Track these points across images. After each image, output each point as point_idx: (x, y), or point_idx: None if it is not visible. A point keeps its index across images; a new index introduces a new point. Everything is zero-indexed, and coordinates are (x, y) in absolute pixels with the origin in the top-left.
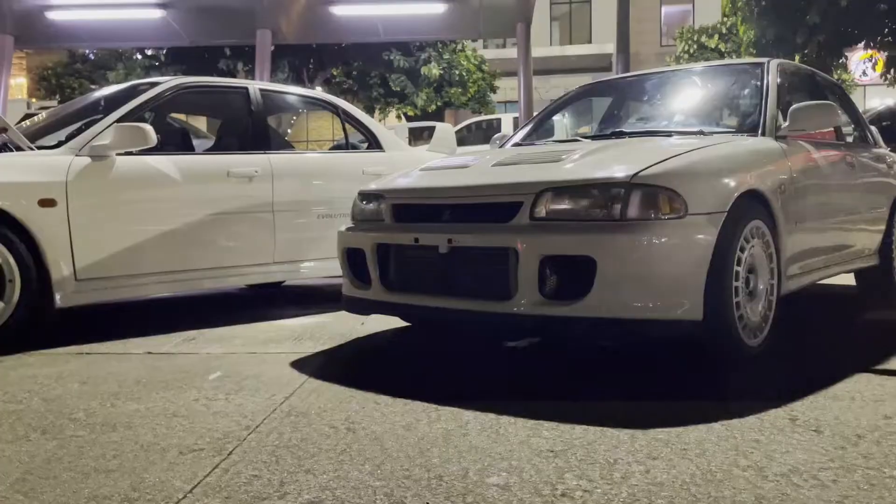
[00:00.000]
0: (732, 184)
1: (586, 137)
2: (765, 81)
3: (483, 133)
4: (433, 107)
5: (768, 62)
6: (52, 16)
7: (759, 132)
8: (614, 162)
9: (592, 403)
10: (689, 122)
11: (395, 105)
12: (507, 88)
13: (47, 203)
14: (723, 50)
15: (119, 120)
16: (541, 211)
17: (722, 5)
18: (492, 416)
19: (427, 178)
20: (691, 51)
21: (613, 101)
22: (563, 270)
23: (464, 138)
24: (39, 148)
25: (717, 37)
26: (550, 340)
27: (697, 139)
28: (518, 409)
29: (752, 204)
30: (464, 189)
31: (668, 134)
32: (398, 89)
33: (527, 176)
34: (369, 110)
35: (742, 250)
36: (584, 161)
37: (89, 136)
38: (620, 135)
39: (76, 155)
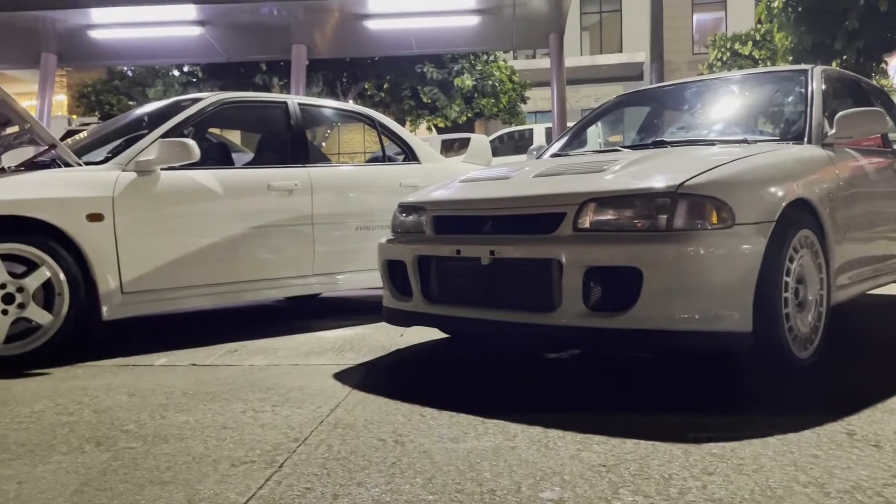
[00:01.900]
0: (780, 193)
1: (625, 147)
2: (809, 88)
3: (514, 144)
4: (463, 118)
5: (812, 68)
6: (94, 34)
7: (805, 140)
8: (659, 171)
9: (641, 416)
10: (731, 131)
11: (426, 117)
12: (538, 98)
13: (95, 217)
14: (757, 57)
15: (163, 136)
16: (584, 222)
17: (757, 12)
18: (539, 429)
19: (468, 190)
20: (724, 58)
21: (652, 111)
22: (609, 282)
23: (496, 149)
24: (87, 164)
25: (750, 44)
26: (592, 352)
27: (741, 148)
28: (565, 422)
29: (800, 213)
30: (506, 200)
31: (711, 143)
32: (429, 101)
33: (570, 187)
34: (400, 122)
35: (791, 260)
36: (627, 171)
37: (135, 151)
38: (661, 144)
39: (122, 170)
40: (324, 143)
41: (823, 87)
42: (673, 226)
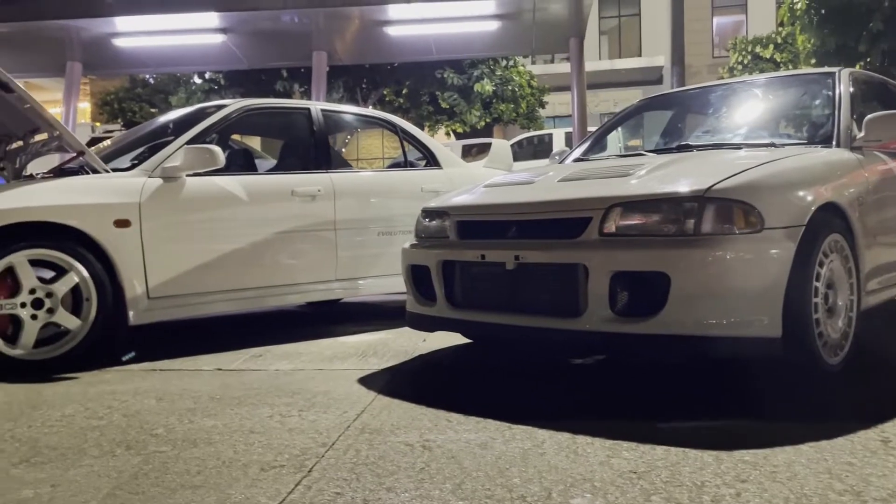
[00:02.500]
0: (809, 197)
1: (649, 151)
2: (837, 91)
3: (534, 148)
4: (482, 123)
5: (839, 71)
6: (119, 43)
7: (834, 143)
8: (685, 175)
9: (670, 423)
10: (758, 134)
11: (444, 122)
12: (556, 103)
13: (122, 223)
14: (779, 60)
15: (188, 142)
16: (610, 226)
17: (779, 15)
18: (567, 435)
19: (492, 195)
20: (745, 61)
21: (675, 114)
22: (636, 287)
23: (515, 154)
24: (114, 170)
25: (772, 47)
26: (617, 358)
27: (769, 151)
28: (593, 428)
29: (829, 217)
30: (531, 205)
31: (738, 146)
32: (447, 106)
33: (595, 191)
34: (418, 127)
35: (821, 265)
36: (653, 175)
37: (161, 158)
38: (687, 148)
39: (149, 176)
40: (343, 149)
41: (851, 89)
42: (701, 230)
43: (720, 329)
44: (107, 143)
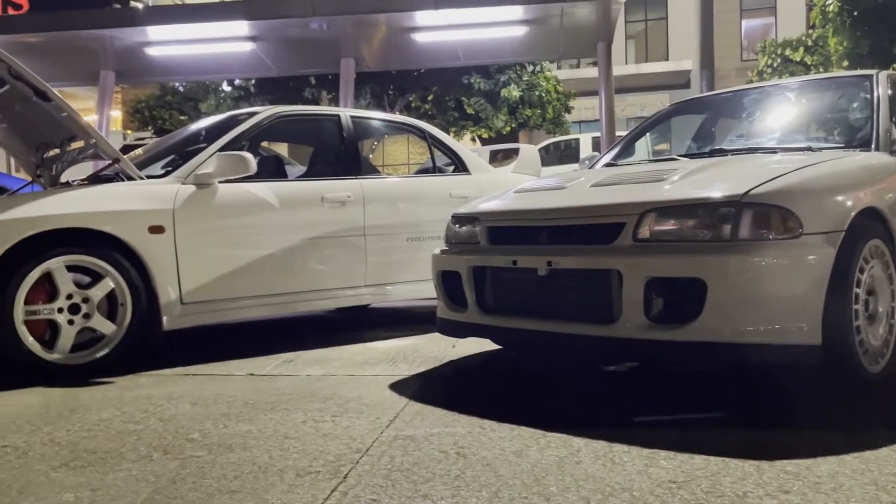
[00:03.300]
0: (849, 202)
1: (682, 156)
2: (875, 94)
3: (560, 154)
4: (507, 128)
5: (877, 73)
6: (151, 51)
7: (872, 147)
8: (721, 180)
9: (707, 431)
10: (794, 138)
11: (470, 127)
12: (581, 108)
13: (156, 230)
14: (809, 63)
15: (221, 149)
16: (644, 232)
17: (811, 17)
18: (603, 443)
19: (523, 200)
20: (775, 65)
21: (708, 119)
22: (671, 293)
23: (541, 159)
24: (148, 177)
25: (802, 49)
26: (651, 365)
27: (805, 155)
28: (629, 436)
29: (869, 222)
30: (563, 210)
31: (773, 151)
32: (472, 112)
33: (629, 196)
34: (444, 133)
35: (861, 271)
36: (688, 180)
37: (194, 164)
38: (721, 152)
39: (182, 183)
40: (370, 155)
41: (889, 92)
42: (738, 236)
43: (758, 336)
44: (139, 150)
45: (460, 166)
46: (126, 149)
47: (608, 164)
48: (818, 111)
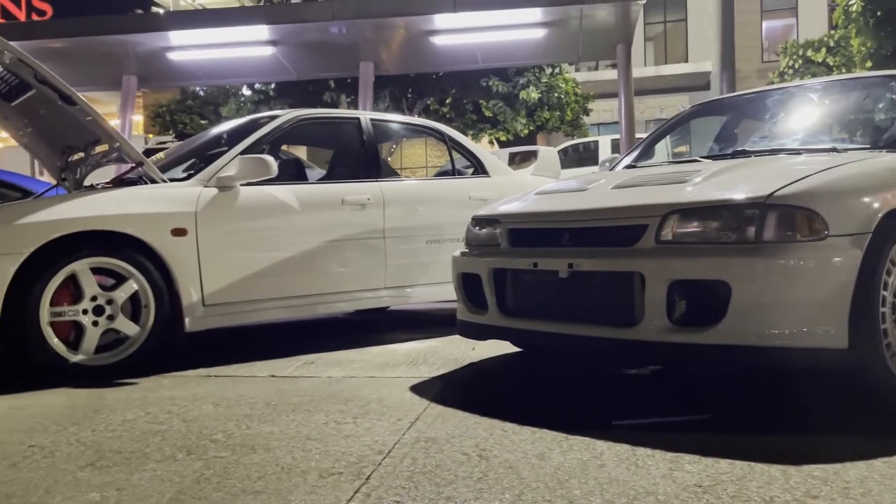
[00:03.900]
0: (876, 203)
1: (704, 157)
2: None
3: (579, 156)
4: (525, 131)
5: None
6: (173, 56)
7: None
8: (745, 181)
9: (732, 435)
10: (818, 139)
11: (488, 130)
12: (600, 110)
13: (179, 232)
14: (831, 64)
15: (242, 152)
16: (667, 234)
17: (834, 17)
18: (626, 446)
19: (544, 202)
20: (797, 66)
21: (730, 120)
22: (694, 295)
23: (560, 162)
24: (171, 180)
25: (824, 50)
26: (673, 369)
27: (831, 157)
28: (652, 439)
29: None
30: (584, 212)
31: (797, 152)
32: (490, 115)
33: (651, 198)
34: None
35: (888, 273)
36: (711, 181)
37: (216, 168)
38: (744, 154)
39: (204, 186)
40: (389, 158)
41: None
42: (762, 238)
43: (783, 340)
44: (161, 154)
45: (479, 168)
46: (148, 152)
47: (629, 166)
48: (843, 112)
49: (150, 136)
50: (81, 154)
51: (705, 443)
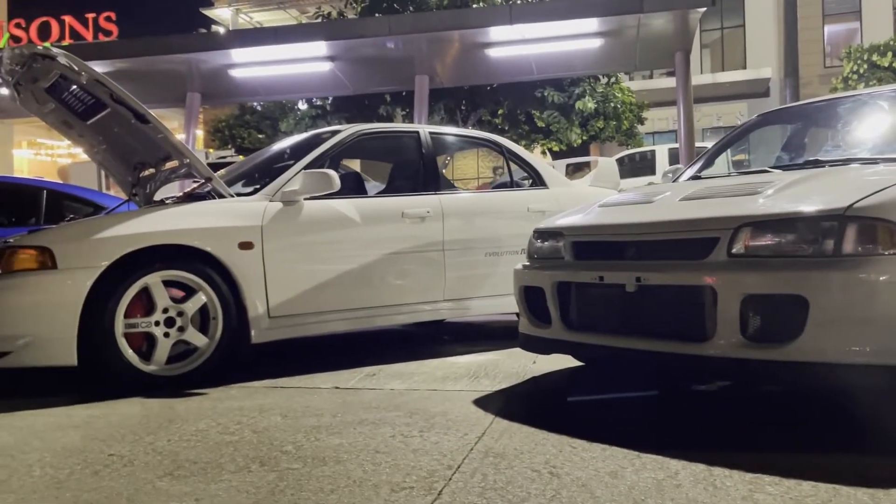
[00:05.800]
0: None
1: (774, 168)
2: None
3: (634, 166)
4: (579, 141)
5: None
6: (234, 73)
7: None
8: (821, 193)
9: (811, 456)
10: (894, 148)
11: (540, 140)
12: (654, 119)
13: (246, 246)
14: None
15: (306, 167)
16: (740, 247)
17: None
18: (702, 466)
19: (609, 215)
20: (861, 71)
21: (798, 129)
22: (769, 311)
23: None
24: (237, 195)
25: (890, 54)
26: (744, 385)
27: None
28: (729, 459)
29: None
30: (652, 225)
31: (874, 161)
32: (543, 125)
33: (722, 210)
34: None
35: None
36: (784, 193)
37: (280, 182)
38: (817, 164)
39: (270, 200)
40: (443, 170)
41: None
42: (841, 251)
43: (865, 357)
44: (223, 171)
45: (538, 180)
46: (209, 167)
47: (694, 177)
48: None
49: (210, 150)
50: (152, 170)
51: (784, 462)
